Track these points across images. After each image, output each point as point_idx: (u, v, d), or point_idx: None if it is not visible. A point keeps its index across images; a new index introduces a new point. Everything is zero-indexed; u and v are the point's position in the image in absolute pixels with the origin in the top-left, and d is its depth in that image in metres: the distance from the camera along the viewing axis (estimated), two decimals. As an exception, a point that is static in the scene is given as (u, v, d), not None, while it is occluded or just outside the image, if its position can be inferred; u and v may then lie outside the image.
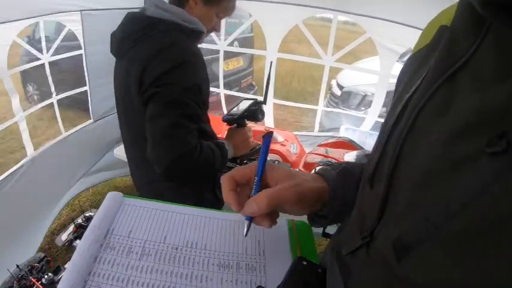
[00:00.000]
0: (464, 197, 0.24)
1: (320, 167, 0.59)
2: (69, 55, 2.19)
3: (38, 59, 2.05)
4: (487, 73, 0.27)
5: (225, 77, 2.86)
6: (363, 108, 3.29)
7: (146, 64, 1.07)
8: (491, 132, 0.23)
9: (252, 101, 1.36)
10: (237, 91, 4.07)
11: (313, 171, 0.83)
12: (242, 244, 0.57)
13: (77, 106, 2.64)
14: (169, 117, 1.04)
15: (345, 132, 2.27)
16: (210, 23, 1.26)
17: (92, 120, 2.32)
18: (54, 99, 2.22)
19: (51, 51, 2.11)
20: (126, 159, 1.47)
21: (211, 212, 0.63)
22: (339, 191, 0.52)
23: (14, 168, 1.80)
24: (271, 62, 1.52)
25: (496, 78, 0.26)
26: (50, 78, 2.17)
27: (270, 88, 2.39)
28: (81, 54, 2.16)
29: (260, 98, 1.39)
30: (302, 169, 1.67)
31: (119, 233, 0.56)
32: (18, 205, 1.78)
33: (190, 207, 0.65)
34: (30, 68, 2.21)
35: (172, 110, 1.05)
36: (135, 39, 1.13)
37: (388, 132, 0.36)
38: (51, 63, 2.12)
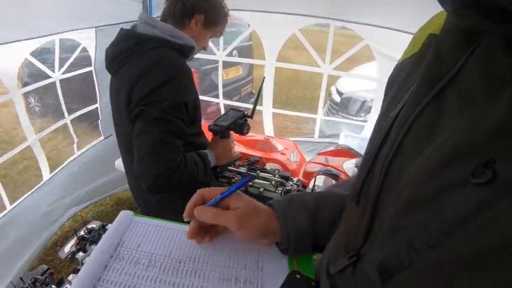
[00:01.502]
0: (445, 227, 0.24)
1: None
2: (79, 72, 2.17)
3: (48, 76, 2.05)
4: (475, 92, 0.26)
5: (224, 85, 2.87)
6: (362, 114, 3.29)
7: (134, 83, 1.09)
8: (478, 160, 0.23)
9: (239, 112, 1.38)
10: (237, 100, 4.08)
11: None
12: (242, 260, 0.59)
13: (88, 120, 2.62)
14: (153, 134, 1.06)
15: (345, 139, 2.27)
16: (203, 43, 1.31)
17: (102, 138, 2.35)
18: (67, 119, 2.21)
19: (63, 69, 2.11)
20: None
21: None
22: (287, 213, 0.55)
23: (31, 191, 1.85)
24: (264, 78, 1.53)
25: (484, 99, 0.25)
26: (61, 98, 2.16)
27: (269, 97, 2.41)
28: (91, 71, 2.16)
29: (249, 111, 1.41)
30: (302, 179, 1.66)
31: (128, 246, 0.61)
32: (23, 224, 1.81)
33: None
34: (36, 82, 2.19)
35: (157, 127, 1.06)
36: (125, 57, 1.15)
37: (375, 151, 0.36)
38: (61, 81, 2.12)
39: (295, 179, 1.90)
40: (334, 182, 1.49)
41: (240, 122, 1.35)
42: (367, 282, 0.32)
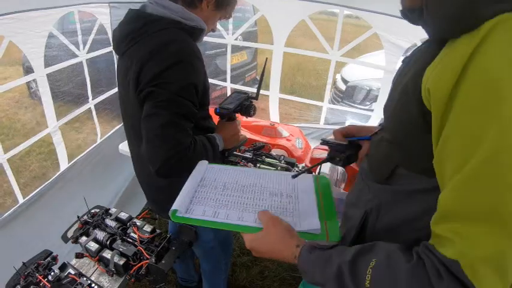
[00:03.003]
0: None
1: None
2: (103, 52, 2.14)
3: (75, 55, 2.00)
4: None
5: (230, 70, 2.86)
6: (367, 103, 3.29)
7: (143, 63, 1.07)
8: None
9: (244, 95, 1.38)
10: (242, 85, 4.07)
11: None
12: (284, 183, 1.00)
13: (108, 108, 2.58)
14: (163, 116, 1.05)
15: (350, 127, 2.28)
16: (212, 25, 1.29)
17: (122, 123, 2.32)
18: (91, 104, 2.17)
19: (87, 46, 2.07)
20: (129, 154, 1.49)
21: (268, 171, 1.09)
22: None
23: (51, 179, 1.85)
24: (266, 59, 1.53)
25: None
26: (88, 79, 2.12)
27: (276, 83, 2.41)
28: (111, 51, 2.13)
29: (254, 93, 1.41)
30: (308, 164, 1.68)
31: (208, 179, 1.00)
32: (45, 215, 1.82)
33: (255, 170, 1.11)
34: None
35: (166, 109, 1.05)
36: (133, 38, 1.13)
37: None
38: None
39: (300, 165, 1.92)
40: (341, 168, 1.50)
41: (246, 104, 1.36)
42: None
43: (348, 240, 0.81)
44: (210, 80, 2.94)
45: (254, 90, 2.71)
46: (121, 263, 1.28)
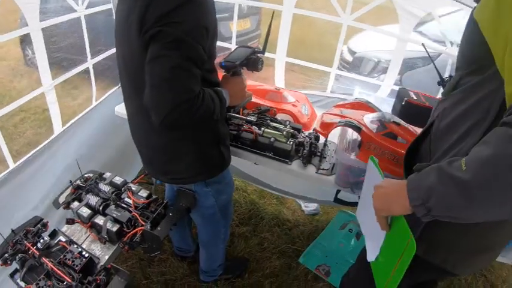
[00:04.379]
0: None
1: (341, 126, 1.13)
2: (102, 8, 1.99)
3: (73, 10, 1.84)
4: None
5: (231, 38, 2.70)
6: (375, 75, 3.15)
7: (150, 2, 0.97)
8: None
9: (250, 49, 1.28)
10: (244, 54, 3.89)
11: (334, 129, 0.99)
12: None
13: (107, 69, 2.40)
14: (171, 59, 0.95)
15: (359, 96, 2.15)
16: None
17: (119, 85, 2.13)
18: (89, 63, 2.03)
19: (86, 2, 1.92)
20: (126, 117, 1.39)
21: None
22: None
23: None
24: (273, 12, 1.40)
25: None
26: (86, 37, 1.97)
27: (283, 45, 2.25)
28: (110, 8, 1.99)
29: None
30: (318, 128, 1.56)
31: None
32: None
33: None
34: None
35: (175, 50, 0.95)
36: None
37: None
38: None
39: (306, 132, 1.81)
40: (355, 134, 1.38)
41: (253, 58, 1.25)
42: None
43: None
44: (218, 43, 2.82)
45: (272, 56, 2.59)
46: (114, 229, 1.21)
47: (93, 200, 1.35)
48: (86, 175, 1.53)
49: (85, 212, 1.29)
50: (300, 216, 2.61)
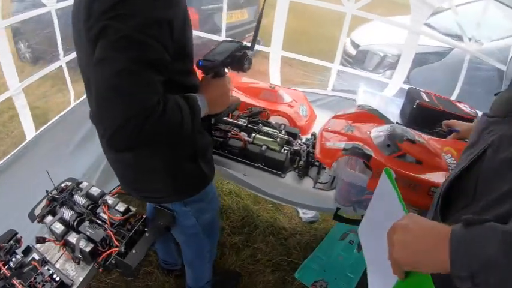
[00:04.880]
0: None
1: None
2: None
3: (43, 5, 1.68)
4: None
5: (227, 29, 2.47)
6: (381, 71, 2.92)
7: None
8: None
9: (236, 44, 1.04)
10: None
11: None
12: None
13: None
14: (118, 62, 0.74)
15: (364, 95, 1.93)
16: None
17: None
18: (62, 61, 1.85)
19: None
20: None
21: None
22: None
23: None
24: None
25: None
26: (58, 33, 1.80)
27: (279, 38, 2.02)
28: None
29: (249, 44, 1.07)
30: (319, 155, 1.26)
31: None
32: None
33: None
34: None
35: (123, 51, 0.74)
36: None
37: None
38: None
39: (304, 138, 1.60)
40: (362, 166, 1.14)
41: (238, 55, 1.01)
42: None
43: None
44: (203, 34, 2.58)
45: (266, 49, 2.35)
46: (87, 249, 1.12)
47: (67, 214, 1.25)
48: (62, 184, 1.43)
49: (58, 228, 1.20)
50: (297, 224, 2.41)
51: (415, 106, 1.52)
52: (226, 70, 1.04)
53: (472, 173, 0.73)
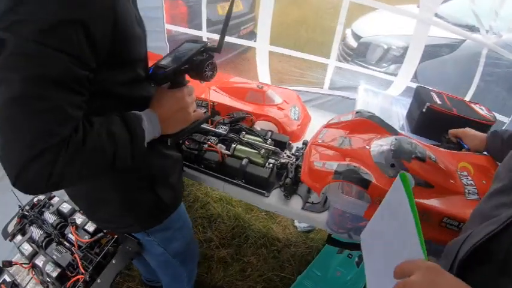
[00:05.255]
0: None
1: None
2: None
3: None
4: None
5: (221, 22, 2.24)
6: (384, 65, 2.67)
7: None
8: None
9: (199, 44, 0.82)
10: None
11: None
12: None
13: None
14: (13, 85, 0.55)
15: (365, 95, 1.71)
16: None
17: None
18: None
19: None
20: None
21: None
22: None
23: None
24: None
25: None
26: None
27: (266, 31, 1.80)
28: None
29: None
30: (306, 178, 1.02)
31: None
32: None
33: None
34: None
35: (18, 70, 0.55)
36: None
37: None
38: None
39: (294, 146, 1.39)
40: (359, 194, 0.92)
41: (199, 59, 0.80)
42: None
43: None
44: (189, 30, 2.35)
45: (252, 44, 2.10)
46: (54, 274, 1.11)
47: (36, 233, 1.24)
48: (35, 199, 1.40)
49: (27, 249, 1.20)
50: (292, 234, 2.22)
51: (424, 110, 1.30)
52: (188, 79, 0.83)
53: (506, 233, 0.51)
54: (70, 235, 1.22)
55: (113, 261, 1.16)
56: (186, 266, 1.28)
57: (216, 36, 2.16)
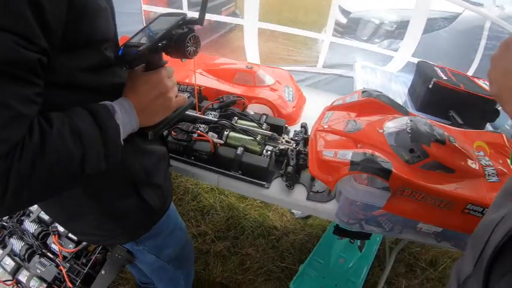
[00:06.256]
0: None
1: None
2: None
3: None
4: None
5: (197, 4, 2.08)
6: (377, 40, 2.55)
7: None
8: None
9: (177, 17, 0.67)
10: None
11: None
12: None
13: None
14: None
15: (362, 72, 1.60)
16: None
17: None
18: None
19: None
20: None
21: None
22: None
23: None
24: None
25: None
26: None
27: (254, 6, 1.64)
28: None
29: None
30: (316, 171, 0.91)
31: None
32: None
33: None
34: None
35: None
36: None
37: None
38: None
39: (292, 131, 1.27)
40: (380, 185, 0.81)
41: (178, 33, 0.66)
42: None
43: None
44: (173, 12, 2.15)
45: (240, 21, 1.93)
46: None
47: (17, 246, 1.18)
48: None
49: (8, 264, 1.15)
50: (289, 221, 2.13)
51: (430, 86, 1.19)
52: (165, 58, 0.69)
53: None
54: (53, 245, 1.15)
55: (102, 272, 1.07)
56: (183, 269, 1.17)
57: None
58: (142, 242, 0.90)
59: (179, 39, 0.65)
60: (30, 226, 1.22)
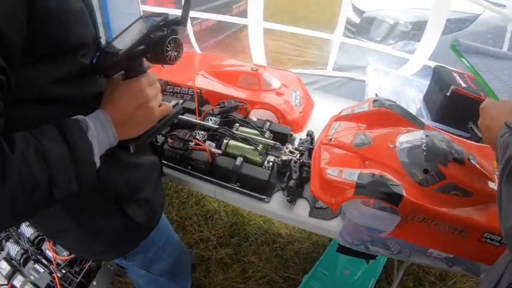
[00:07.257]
0: None
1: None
2: None
3: None
4: None
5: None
6: (391, 41, 2.45)
7: None
8: None
9: (158, 18, 0.60)
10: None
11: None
12: None
13: None
14: None
15: (375, 74, 1.51)
16: None
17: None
18: None
19: None
20: None
21: None
22: None
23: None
24: None
25: None
26: None
27: (258, 5, 1.57)
28: None
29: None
30: (318, 191, 0.83)
31: None
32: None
33: None
34: None
35: None
36: None
37: None
38: None
39: (297, 138, 1.20)
40: (388, 211, 0.73)
41: (157, 36, 0.58)
42: None
43: None
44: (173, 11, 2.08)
45: (243, 21, 1.84)
46: None
47: (13, 250, 1.18)
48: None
49: (4, 268, 1.16)
50: (295, 228, 2.06)
51: (448, 94, 1.10)
52: (145, 64, 0.62)
53: None
54: (48, 251, 1.15)
55: (94, 283, 1.09)
56: (177, 282, 1.11)
57: (204, 15, 1.92)
58: (130, 257, 0.85)
59: (157, 43, 0.57)
60: (27, 230, 1.21)
